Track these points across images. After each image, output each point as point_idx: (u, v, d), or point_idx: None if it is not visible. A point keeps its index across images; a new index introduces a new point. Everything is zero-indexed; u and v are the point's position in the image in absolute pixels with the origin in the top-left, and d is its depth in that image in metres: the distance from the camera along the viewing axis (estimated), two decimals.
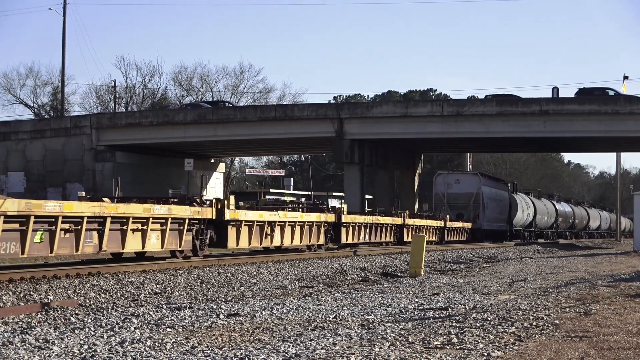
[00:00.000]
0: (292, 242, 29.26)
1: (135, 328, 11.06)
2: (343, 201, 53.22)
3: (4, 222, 15.98)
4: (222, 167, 72.57)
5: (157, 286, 17.23)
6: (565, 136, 56.23)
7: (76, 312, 12.74)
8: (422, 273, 23.52)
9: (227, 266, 22.08)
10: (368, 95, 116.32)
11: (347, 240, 34.57)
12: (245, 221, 25.88)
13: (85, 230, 18.44)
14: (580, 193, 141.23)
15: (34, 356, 8.98)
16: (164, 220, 21.70)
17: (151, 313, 12.50)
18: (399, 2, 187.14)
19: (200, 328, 11.18)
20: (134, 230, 20.46)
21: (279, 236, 28.25)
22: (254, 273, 21.09)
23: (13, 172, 58.62)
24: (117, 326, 11.20)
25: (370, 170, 63.35)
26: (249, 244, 26.56)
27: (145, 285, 17.06)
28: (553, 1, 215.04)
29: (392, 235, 40.55)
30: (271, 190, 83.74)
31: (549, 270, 26.56)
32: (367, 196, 63.15)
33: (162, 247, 21.82)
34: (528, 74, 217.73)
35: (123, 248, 20.24)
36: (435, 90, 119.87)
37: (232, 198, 30.20)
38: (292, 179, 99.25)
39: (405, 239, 41.07)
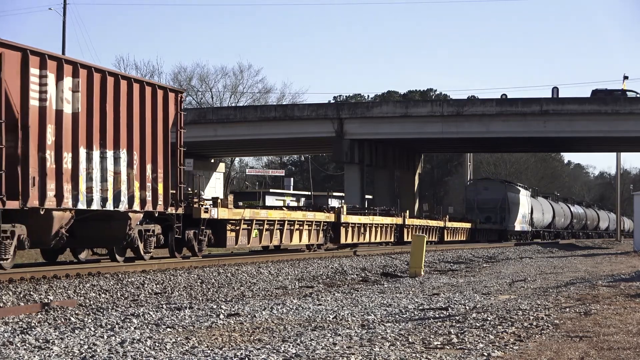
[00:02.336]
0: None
1: (135, 328, 11.06)
2: (343, 201, 53.28)
3: (244, 223, 25.62)
4: (222, 167, 72.56)
5: (157, 286, 17.23)
6: (565, 136, 56.25)
7: (76, 312, 12.74)
8: (422, 273, 23.52)
9: (227, 266, 22.08)
10: (368, 95, 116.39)
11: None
12: (351, 223, 34.74)
13: (276, 229, 28.02)
14: (580, 193, 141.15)
15: (34, 356, 8.98)
16: (310, 222, 30.83)
17: (151, 313, 12.50)
18: (399, 2, 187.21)
19: (200, 328, 11.18)
20: (297, 230, 29.72)
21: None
22: (254, 273, 21.10)
23: None
24: (117, 326, 11.20)
25: (370, 170, 63.42)
26: (352, 240, 35.23)
27: (145, 285, 17.06)
28: (553, 1, 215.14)
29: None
30: (271, 190, 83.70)
31: (549, 270, 26.57)
32: (367, 196, 63.19)
33: (308, 241, 30.93)
34: (528, 74, 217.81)
35: (291, 242, 29.58)
36: (435, 90, 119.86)
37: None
38: (292, 179, 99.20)
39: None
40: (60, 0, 68.19)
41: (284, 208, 32.44)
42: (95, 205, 18.78)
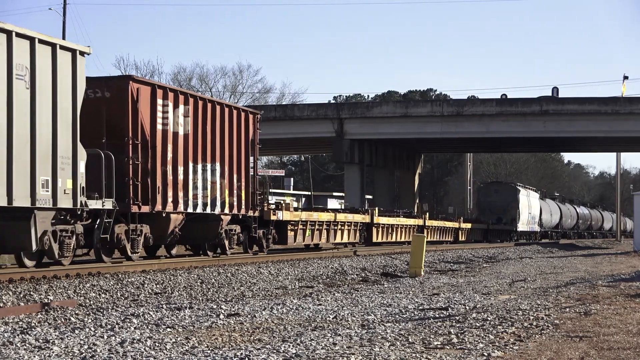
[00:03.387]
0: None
1: (135, 328, 11.06)
2: (343, 201, 53.41)
3: (300, 223, 30.55)
4: None
5: (157, 286, 17.23)
6: (565, 136, 56.28)
7: (76, 312, 12.74)
8: (422, 273, 23.52)
9: (227, 266, 22.09)
10: (368, 95, 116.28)
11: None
12: (382, 224, 39.22)
13: (324, 228, 32.76)
14: (580, 193, 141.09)
15: (34, 356, 8.98)
16: (350, 223, 35.60)
17: (151, 313, 12.50)
18: (399, 2, 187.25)
19: (200, 328, 11.18)
20: (339, 229, 34.43)
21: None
22: (254, 273, 21.10)
23: None
24: (117, 326, 11.19)
25: (370, 170, 63.44)
26: (382, 239, 39.53)
27: (145, 285, 17.06)
28: (554, 1, 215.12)
29: (451, 235, 48.40)
30: (271, 190, 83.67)
31: (549, 270, 26.57)
32: (367, 196, 63.27)
33: (347, 240, 35.57)
34: (528, 74, 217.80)
35: (335, 240, 34.00)
36: (435, 90, 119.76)
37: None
38: (292, 179, 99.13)
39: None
40: (60, 0, 68.17)
41: (329, 210, 36.57)
42: (199, 209, 23.29)
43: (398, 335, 10.59)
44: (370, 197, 72.12)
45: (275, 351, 9.28)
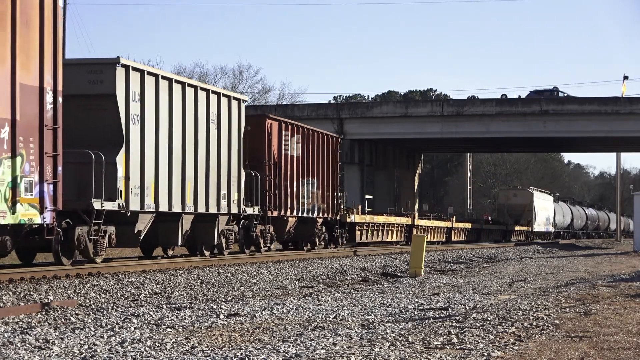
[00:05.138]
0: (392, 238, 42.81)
1: (135, 328, 11.06)
2: (341, 201, 53.51)
3: (365, 225, 38.10)
4: None
5: (157, 286, 17.23)
6: (565, 136, 56.25)
7: (76, 312, 12.74)
8: (422, 273, 23.52)
9: (227, 266, 22.08)
10: (368, 95, 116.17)
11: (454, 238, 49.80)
12: (420, 225, 45.88)
13: (380, 229, 40.07)
14: (580, 193, 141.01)
15: (34, 356, 8.98)
16: (398, 225, 43.17)
17: (151, 313, 12.50)
18: (399, 2, 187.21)
19: (200, 328, 11.18)
20: (390, 230, 41.82)
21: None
22: (254, 273, 21.09)
23: None
24: (117, 326, 11.19)
25: (370, 170, 63.29)
26: (432, 238, 46.99)
27: (145, 285, 17.06)
28: (554, 1, 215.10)
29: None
30: None
31: (549, 270, 26.57)
32: (367, 196, 63.25)
33: (396, 238, 42.50)
34: (528, 74, 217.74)
35: (386, 238, 40.85)
36: (435, 90, 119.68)
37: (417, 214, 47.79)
38: None
39: (452, 239, 53.32)
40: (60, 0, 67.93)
41: (384, 214, 43.34)
42: (305, 214, 30.55)
43: (398, 335, 10.59)
44: (370, 197, 72.08)
45: (275, 351, 9.28)
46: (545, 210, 78.78)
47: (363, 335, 10.59)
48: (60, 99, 16.32)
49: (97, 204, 18.59)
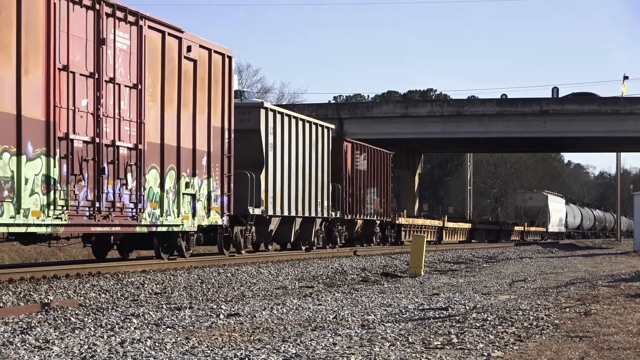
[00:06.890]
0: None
1: (135, 328, 11.05)
2: None
3: (408, 226, 45.01)
4: None
5: (157, 286, 17.22)
6: (565, 136, 56.23)
7: (76, 312, 12.73)
8: (422, 273, 23.52)
9: (227, 266, 22.07)
10: (368, 95, 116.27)
11: (446, 239, 52.27)
12: (449, 227, 52.88)
13: (418, 231, 43.25)
14: (580, 193, 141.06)
15: (34, 356, 8.98)
16: (431, 227, 49.32)
17: (151, 313, 12.50)
18: (399, 2, 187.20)
19: (200, 328, 11.17)
20: (425, 231, 45.95)
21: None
22: (254, 273, 21.09)
23: None
24: (117, 326, 11.19)
25: None
26: (449, 239, 52.43)
27: (145, 285, 17.05)
28: (553, 1, 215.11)
29: (467, 236, 58.05)
30: None
31: (549, 270, 26.57)
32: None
33: (429, 238, 45.25)
34: (528, 74, 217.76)
35: None
36: (435, 90, 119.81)
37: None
38: None
39: (473, 240, 58.67)
40: None
41: (421, 218, 49.63)
42: (369, 217, 38.26)
43: (398, 335, 10.59)
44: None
45: (275, 351, 9.28)
46: (559, 212, 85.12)
47: (363, 335, 10.59)
48: (232, 135, 22.95)
49: (251, 210, 25.68)
